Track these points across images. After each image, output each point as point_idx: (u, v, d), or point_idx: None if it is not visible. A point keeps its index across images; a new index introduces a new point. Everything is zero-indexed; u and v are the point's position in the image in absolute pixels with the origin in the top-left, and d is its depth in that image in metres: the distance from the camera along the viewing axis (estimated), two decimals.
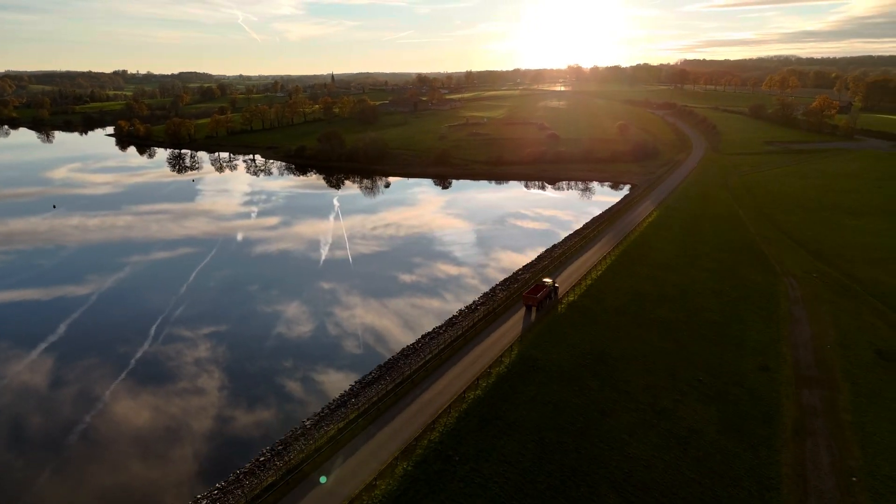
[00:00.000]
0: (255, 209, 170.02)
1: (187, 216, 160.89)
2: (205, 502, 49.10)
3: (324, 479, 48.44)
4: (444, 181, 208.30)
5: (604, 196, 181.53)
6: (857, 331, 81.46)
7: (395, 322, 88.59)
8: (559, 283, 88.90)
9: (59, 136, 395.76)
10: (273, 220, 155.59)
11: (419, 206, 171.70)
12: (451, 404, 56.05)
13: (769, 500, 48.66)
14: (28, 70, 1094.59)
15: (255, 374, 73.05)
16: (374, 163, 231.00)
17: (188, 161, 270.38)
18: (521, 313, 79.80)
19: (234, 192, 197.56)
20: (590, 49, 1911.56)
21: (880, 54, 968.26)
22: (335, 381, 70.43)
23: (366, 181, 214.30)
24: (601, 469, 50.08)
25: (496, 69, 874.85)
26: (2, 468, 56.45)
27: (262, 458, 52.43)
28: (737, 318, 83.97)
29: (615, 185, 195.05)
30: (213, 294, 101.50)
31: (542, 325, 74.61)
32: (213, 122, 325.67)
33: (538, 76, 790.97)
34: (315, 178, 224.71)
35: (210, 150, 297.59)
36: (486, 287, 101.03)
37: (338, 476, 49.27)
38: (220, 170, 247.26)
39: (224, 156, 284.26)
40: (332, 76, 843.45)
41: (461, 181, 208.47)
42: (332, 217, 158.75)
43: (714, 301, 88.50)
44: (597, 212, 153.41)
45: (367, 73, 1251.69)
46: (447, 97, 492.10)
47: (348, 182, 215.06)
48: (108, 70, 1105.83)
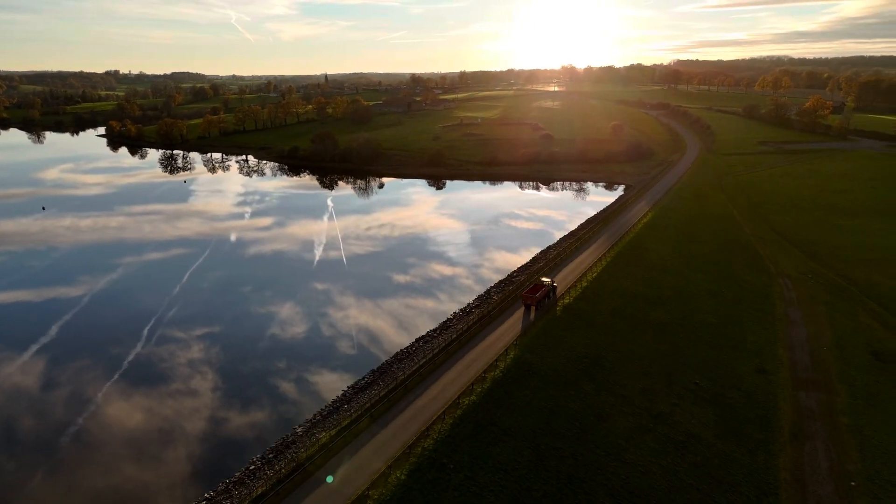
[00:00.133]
0: (248, 210, 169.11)
1: (180, 217, 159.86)
2: None
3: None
4: (438, 182, 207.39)
5: (598, 196, 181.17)
6: (853, 332, 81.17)
7: (389, 323, 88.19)
8: (555, 285, 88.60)
9: (49, 136, 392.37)
10: (267, 221, 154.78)
11: (413, 207, 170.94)
12: (446, 410, 55.07)
13: None
14: (19, 70, 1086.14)
15: (248, 375, 72.63)
16: (367, 163, 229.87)
17: (180, 162, 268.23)
18: (516, 316, 78.97)
19: (227, 192, 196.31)
20: (583, 49, 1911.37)
21: (872, 55, 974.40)
22: (328, 384, 69.75)
23: (359, 182, 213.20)
24: (598, 476, 49.28)
25: (490, 69, 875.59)
26: None
27: (252, 468, 51.29)
28: (732, 319, 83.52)
29: (609, 186, 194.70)
30: (206, 295, 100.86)
31: (537, 328, 73.76)
32: (205, 122, 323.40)
33: (532, 76, 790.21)
34: (308, 179, 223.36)
35: (202, 151, 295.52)
36: (480, 287, 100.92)
37: (329, 485, 48.27)
38: (213, 171, 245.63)
39: (216, 156, 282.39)
40: (326, 76, 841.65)
41: (455, 182, 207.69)
42: (325, 217, 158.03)
43: (710, 303, 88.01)
44: (591, 212, 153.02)
45: (361, 73, 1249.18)
46: (441, 97, 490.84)
47: (342, 183, 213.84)
48: (100, 70, 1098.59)
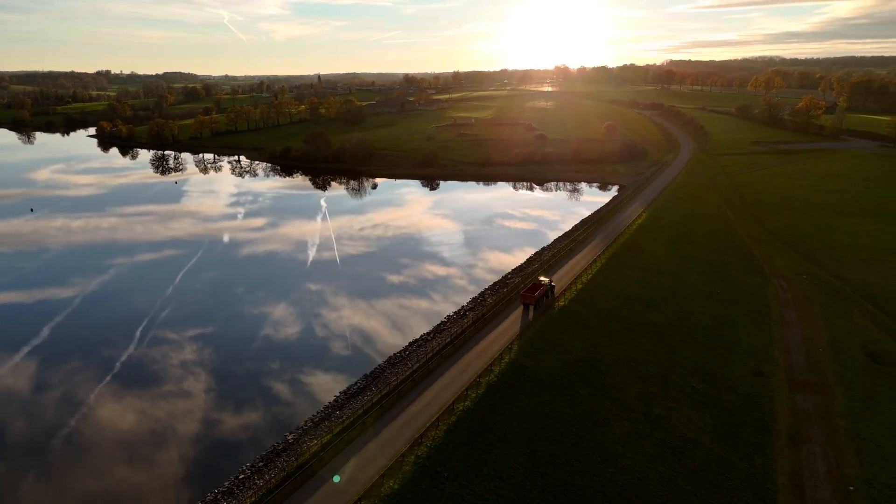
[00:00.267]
0: (241, 210, 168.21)
1: (172, 218, 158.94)
2: None
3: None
4: (431, 182, 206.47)
5: (592, 197, 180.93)
6: (849, 333, 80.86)
7: (382, 323, 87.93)
8: (553, 284, 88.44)
9: (40, 137, 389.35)
10: (260, 222, 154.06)
11: (407, 207, 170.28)
12: (440, 417, 54.04)
13: None
14: (10, 70, 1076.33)
15: (241, 377, 72.41)
16: (360, 164, 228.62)
17: (172, 162, 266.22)
18: (511, 319, 78.13)
19: (220, 193, 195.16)
20: (576, 49, 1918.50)
21: (862, 55, 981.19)
22: (321, 385, 69.54)
23: (352, 182, 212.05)
24: (595, 483, 48.49)
25: (483, 69, 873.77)
26: None
27: (241, 476, 50.13)
28: (728, 321, 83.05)
29: (603, 186, 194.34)
30: (199, 296, 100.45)
31: (532, 331, 72.88)
32: (197, 122, 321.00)
33: (525, 76, 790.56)
34: (301, 180, 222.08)
35: (194, 152, 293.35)
36: (474, 287, 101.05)
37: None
38: (205, 171, 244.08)
39: (208, 157, 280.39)
40: (319, 76, 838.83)
41: (449, 182, 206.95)
42: (319, 218, 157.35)
43: (705, 304, 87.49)
44: (585, 213, 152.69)
45: (354, 73, 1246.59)
46: (434, 97, 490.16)
47: (335, 183, 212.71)
48: (92, 70, 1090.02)
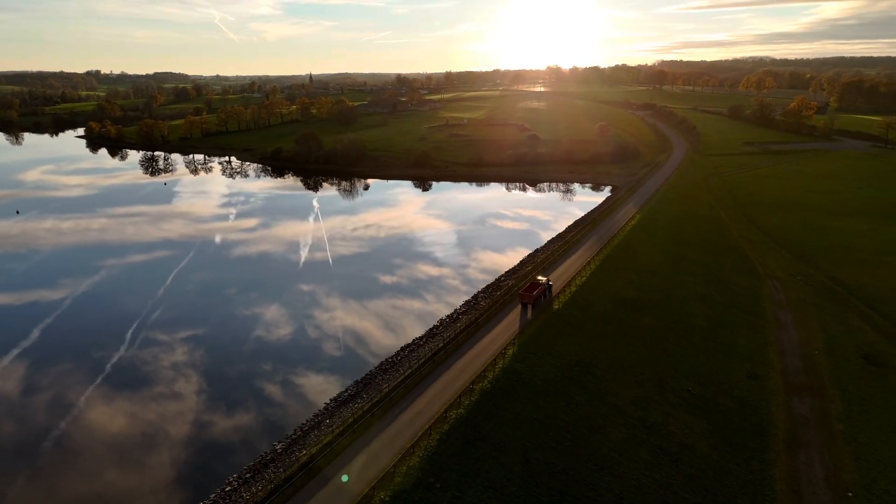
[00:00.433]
0: (232, 211, 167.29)
1: (163, 219, 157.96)
2: None
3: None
4: (424, 183, 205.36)
5: (585, 197, 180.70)
6: (844, 335, 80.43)
7: (375, 324, 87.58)
8: (551, 283, 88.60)
9: (28, 137, 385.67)
10: (251, 222, 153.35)
11: (400, 208, 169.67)
12: (432, 425, 52.71)
13: None
14: None
15: (232, 378, 72.08)
16: (352, 164, 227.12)
17: (161, 163, 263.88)
18: (505, 322, 77.01)
19: (211, 194, 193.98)
20: (568, 50, 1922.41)
21: (851, 55, 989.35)
22: (314, 388, 69.20)
23: (344, 183, 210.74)
24: (591, 491, 47.44)
25: (476, 70, 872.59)
26: None
27: (228, 489, 48.67)
28: (723, 323, 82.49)
29: (596, 187, 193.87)
30: (190, 297, 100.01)
31: (526, 336, 71.78)
32: (187, 123, 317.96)
33: (518, 77, 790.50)
34: (292, 181, 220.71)
35: (184, 152, 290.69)
36: (467, 287, 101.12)
37: None
38: (195, 172, 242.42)
39: (199, 158, 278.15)
40: (311, 76, 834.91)
41: (441, 183, 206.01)
42: (311, 218, 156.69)
43: (700, 306, 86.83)
44: (578, 214, 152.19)
45: (346, 73, 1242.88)
46: (427, 98, 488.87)
47: (326, 184, 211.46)
48: (82, 70, 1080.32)
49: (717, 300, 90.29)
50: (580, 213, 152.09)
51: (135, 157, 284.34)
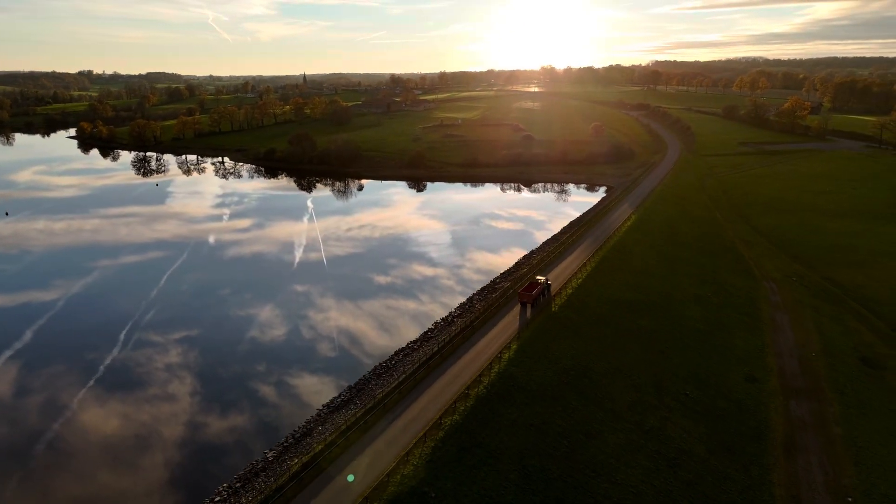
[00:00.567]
0: (226, 211, 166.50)
1: (157, 219, 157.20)
2: None
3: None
4: (418, 183, 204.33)
5: (580, 197, 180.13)
6: (841, 337, 79.97)
7: (370, 325, 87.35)
8: (550, 283, 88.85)
9: (19, 138, 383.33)
10: (245, 223, 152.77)
11: (394, 208, 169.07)
12: (427, 432, 51.74)
13: None
14: None
15: (226, 380, 71.91)
16: (346, 165, 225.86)
17: (154, 164, 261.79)
18: (500, 326, 76.12)
19: (204, 194, 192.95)
20: (562, 50, 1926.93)
21: (844, 55, 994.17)
22: (308, 389, 69.06)
23: (338, 184, 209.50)
24: (588, 499, 46.61)
25: (470, 70, 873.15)
26: None
27: (217, 499, 47.49)
28: (720, 325, 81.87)
29: (591, 188, 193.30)
30: (184, 298, 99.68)
31: (522, 340, 70.88)
32: (179, 123, 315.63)
33: (512, 77, 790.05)
34: (286, 181, 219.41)
35: (177, 153, 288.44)
36: (461, 287, 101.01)
37: None
38: (188, 173, 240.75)
39: (191, 158, 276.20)
40: (304, 77, 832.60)
41: (436, 183, 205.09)
42: (305, 219, 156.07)
43: (696, 308, 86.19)
44: (574, 214, 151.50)
45: (340, 73, 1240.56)
46: (421, 98, 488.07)
47: (320, 185, 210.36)
48: (74, 70, 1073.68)
49: (714, 302, 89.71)
50: (575, 214, 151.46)
51: (127, 157, 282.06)
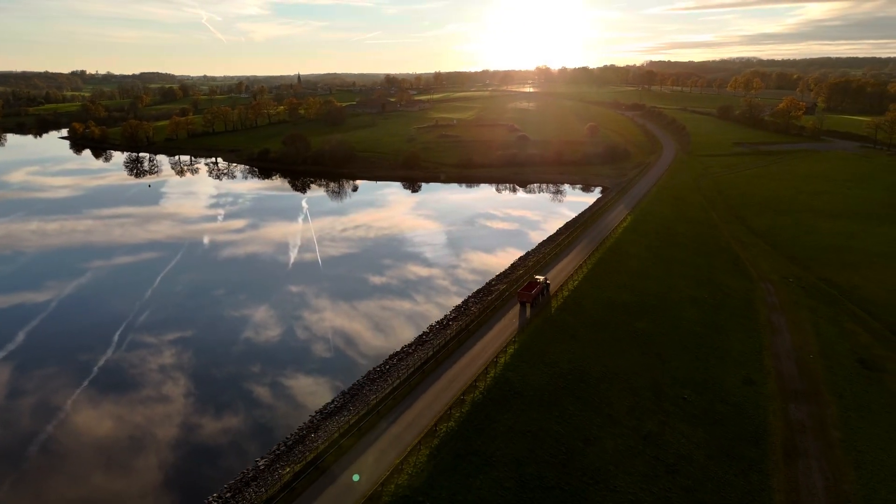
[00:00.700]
0: (221, 212, 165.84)
1: (151, 220, 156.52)
2: None
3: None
4: (413, 184, 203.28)
5: (576, 198, 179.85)
6: (838, 338, 79.51)
7: (365, 326, 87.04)
8: (549, 282, 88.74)
9: (11, 138, 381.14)
10: (240, 223, 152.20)
11: (389, 208, 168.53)
12: (422, 439, 50.71)
13: None
14: None
15: (221, 381, 71.61)
16: (340, 166, 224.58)
17: (147, 165, 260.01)
18: (496, 329, 75.15)
19: (198, 195, 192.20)
20: (557, 50, 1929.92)
21: (837, 56, 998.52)
22: (302, 390, 68.87)
23: (333, 184, 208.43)
24: None
25: (465, 70, 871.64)
26: None
27: None
28: (717, 327, 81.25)
29: (586, 188, 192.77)
30: (179, 299, 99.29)
31: (518, 343, 69.93)
32: (172, 124, 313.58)
33: (507, 77, 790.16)
34: (280, 182, 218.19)
35: (170, 154, 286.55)
36: (457, 288, 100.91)
37: None
38: (181, 173, 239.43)
39: (185, 159, 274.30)
40: (299, 77, 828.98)
41: (431, 184, 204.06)
42: (300, 219, 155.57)
43: (693, 310, 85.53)
44: (569, 215, 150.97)
45: (335, 73, 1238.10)
46: (416, 98, 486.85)
47: (314, 186, 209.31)
48: (67, 70, 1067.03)
49: (710, 303, 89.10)
50: (570, 215, 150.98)
51: (119, 158, 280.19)
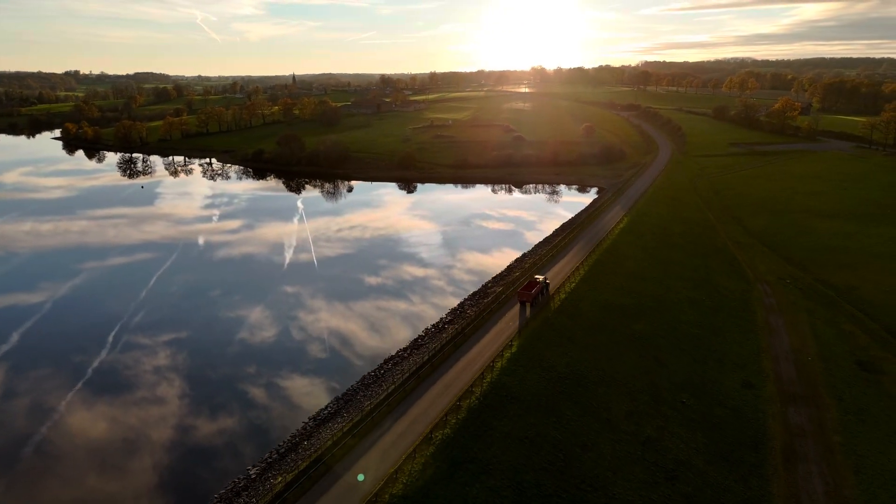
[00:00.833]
0: (216, 212, 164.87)
1: (145, 220, 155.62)
2: None
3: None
4: (408, 184, 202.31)
5: (572, 198, 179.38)
6: (836, 340, 79.01)
7: (361, 326, 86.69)
8: (548, 281, 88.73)
9: (3, 139, 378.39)
10: (235, 224, 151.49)
11: (384, 209, 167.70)
12: (417, 447, 49.74)
13: None
14: None
15: (216, 382, 70.68)
16: (335, 166, 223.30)
17: (140, 165, 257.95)
18: (493, 333, 74.28)
19: (192, 195, 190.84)
20: (552, 51, 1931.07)
21: (831, 56, 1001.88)
22: (297, 392, 68.39)
23: (327, 185, 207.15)
24: None
25: (460, 70, 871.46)
26: None
27: None
28: (715, 329, 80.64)
29: (582, 189, 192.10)
30: (174, 300, 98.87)
31: (515, 347, 69.05)
32: (166, 124, 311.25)
33: (502, 77, 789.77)
34: (274, 183, 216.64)
35: (163, 154, 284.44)
36: (452, 288, 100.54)
37: None
38: (175, 174, 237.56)
39: (178, 160, 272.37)
40: (294, 77, 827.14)
41: (426, 185, 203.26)
42: (295, 220, 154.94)
43: (691, 312, 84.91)
44: (565, 216, 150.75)
45: (330, 73, 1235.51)
46: (411, 99, 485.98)
47: (309, 186, 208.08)
48: (61, 70, 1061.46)
49: (708, 305, 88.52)
50: (566, 215, 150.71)
51: (113, 158, 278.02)
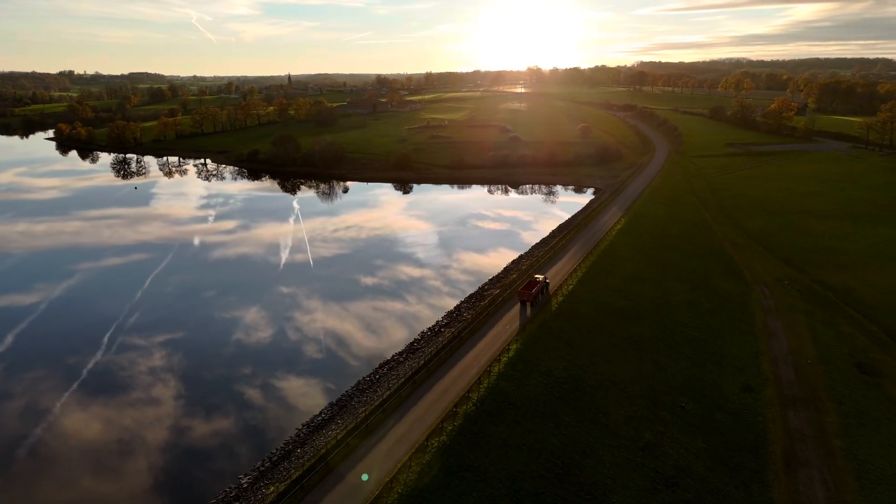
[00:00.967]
0: (211, 213, 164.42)
1: (140, 221, 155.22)
2: None
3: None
4: (404, 185, 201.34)
5: (569, 198, 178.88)
6: (836, 342, 78.36)
7: (357, 327, 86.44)
8: (548, 281, 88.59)
9: None
10: (230, 224, 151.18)
11: (381, 209, 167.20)
12: (412, 455, 48.80)
13: None
14: None
15: (211, 383, 70.69)
16: (331, 167, 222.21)
17: (134, 166, 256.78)
18: (490, 336, 73.40)
19: (187, 196, 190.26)
20: (548, 51, 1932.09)
21: (826, 56, 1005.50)
22: (293, 393, 68.19)
23: (323, 186, 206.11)
24: None
25: (456, 70, 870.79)
26: None
27: None
28: (713, 332, 79.91)
29: (579, 189, 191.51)
30: (169, 300, 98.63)
31: (512, 351, 68.15)
32: (160, 125, 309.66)
33: (498, 78, 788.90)
34: (269, 184, 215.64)
35: (158, 155, 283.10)
36: (448, 289, 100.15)
37: None
38: (169, 175, 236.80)
39: (173, 160, 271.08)
40: (289, 77, 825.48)
41: (422, 185, 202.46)
42: (291, 220, 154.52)
43: (689, 314, 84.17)
44: (562, 216, 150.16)
45: (325, 74, 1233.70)
46: (407, 99, 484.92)
47: (305, 187, 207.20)
48: (55, 71, 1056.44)
49: (706, 307, 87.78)
50: (563, 215, 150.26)
51: (106, 159, 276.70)
